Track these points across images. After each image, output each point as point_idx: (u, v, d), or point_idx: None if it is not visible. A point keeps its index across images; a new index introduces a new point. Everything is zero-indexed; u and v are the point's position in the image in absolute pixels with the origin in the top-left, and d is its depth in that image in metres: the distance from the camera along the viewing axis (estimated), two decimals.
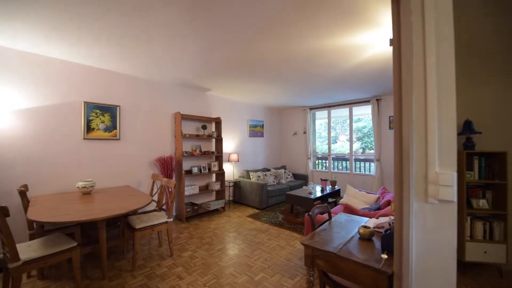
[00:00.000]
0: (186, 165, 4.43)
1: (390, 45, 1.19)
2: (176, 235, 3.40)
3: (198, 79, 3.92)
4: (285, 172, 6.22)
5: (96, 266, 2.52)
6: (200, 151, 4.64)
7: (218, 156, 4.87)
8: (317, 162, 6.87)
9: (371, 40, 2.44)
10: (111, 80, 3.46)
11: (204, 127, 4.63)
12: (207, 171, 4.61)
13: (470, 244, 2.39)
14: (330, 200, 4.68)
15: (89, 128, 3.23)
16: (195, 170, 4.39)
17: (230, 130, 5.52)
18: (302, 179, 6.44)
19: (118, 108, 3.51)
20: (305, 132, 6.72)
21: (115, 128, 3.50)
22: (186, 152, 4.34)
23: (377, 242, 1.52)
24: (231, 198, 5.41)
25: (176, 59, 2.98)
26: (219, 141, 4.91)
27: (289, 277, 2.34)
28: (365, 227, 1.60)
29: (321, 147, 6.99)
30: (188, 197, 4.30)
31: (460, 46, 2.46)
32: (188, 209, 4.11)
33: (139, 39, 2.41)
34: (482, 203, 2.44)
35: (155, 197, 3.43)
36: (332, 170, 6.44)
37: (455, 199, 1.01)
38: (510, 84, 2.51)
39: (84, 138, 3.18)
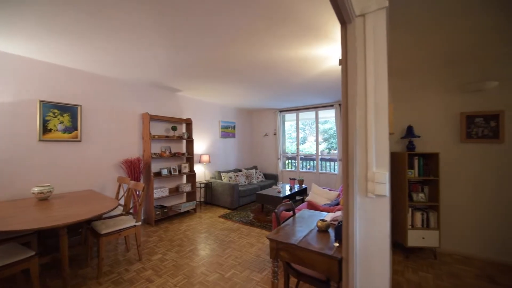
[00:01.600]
0: (155, 167, 4.33)
1: (339, 65, 1.40)
2: (145, 239, 3.33)
3: (168, 80, 3.87)
4: (256, 172, 6.40)
5: (56, 275, 2.38)
6: (170, 152, 4.57)
7: (189, 157, 4.85)
8: (286, 162, 7.18)
9: (331, 53, 2.70)
10: (72, 78, 3.25)
11: (174, 128, 4.57)
12: (177, 172, 4.56)
13: (411, 231, 2.79)
14: (297, 198, 4.98)
15: (45, 129, 3.00)
16: (164, 172, 4.32)
17: (202, 131, 5.51)
18: (272, 178, 6.68)
19: (79, 107, 3.32)
20: (275, 134, 6.98)
21: (76, 129, 3.30)
22: (155, 154, 4.25)
23: (332, 233, 1.73)
24: (202, 200, 5.41)
25: (144, 59, 2.93)
26: (190, 142, 4.89)
27: (258, 272, 2.49)
28: (322, 220, 1.82)
29: (290, 147, 7.32)
30: (157, 200, 4.21)
31: (405, 64, 2.88)
32: (157, 212, 4.04)
33: (102, 37, 2.34)
34: (421, 196, 2.87)
35: (122, 201, 3.32)
36: (300, 170, 6.80)
37: (387, 194, 1.25)
38: (442, 96, 2.99)
39: (40, 140, 2.95)
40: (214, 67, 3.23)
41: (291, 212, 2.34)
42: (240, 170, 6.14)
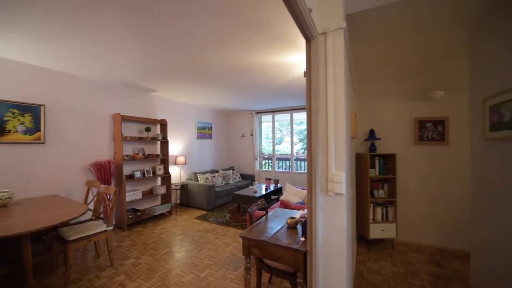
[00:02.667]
0: (127, 169, 4.20)
1: (304, 77, 1.55)
2: (117, 244, 3.24)
3: (141, 80, 3.79)
4: (233, 173, 6.47)
5: (19, 287, 2.24)
6: (144, 154, 4.46)
7: (164, 159, 4.76)
8: (263, 162, 7.35)
9: (303, 61, 2.88)
10: (35, 76, 3.05)
11: (148, 129, 4.46)
12: (151, 175, 4.47)
13: (373, 225, 3.08)
14: (273, 197, 5.15)
15: (3, 131, 2.79)
16: (137, 174, 4.21)
17: (177, 132, 5.44)
18: (249, 179, 6.80)
19: (42, 107, 3.12)
20: (252, 135, 7.10)
21: (39, 131, 3.10)
22: (127, 156, 4.12)
23: (300, 229, 1.89)
24: (178, 202, 5.34)
25: (116, 59, 2.86)
26: (164, 143, 4.81)
27: (233, 270, 2.58)
28: (292, 218, 1.96)
29: (267, 148, 7.50)
30: (130, 203, 4.09)
31: (368, 73, 3.17)
32: (130, 216, 3.92)
33: (69, 36, 2.25)
34: (381, 193, 3.18)
35: (91, 205, 3.19)
36: (276, 170, 7.01)
37: (344, 192, 1.42)
38: (399, 103, 3.34)
39: None
40: (190, 69, 3.25)
41: (264, 211, 2.46)
42: (217, 171, 6.17)
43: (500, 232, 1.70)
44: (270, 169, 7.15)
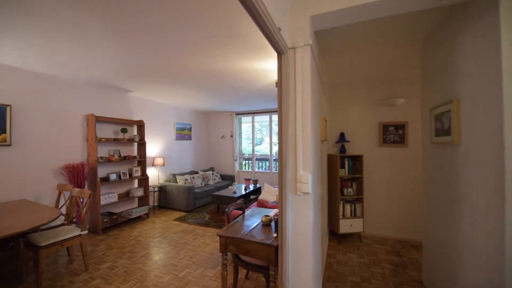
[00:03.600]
0: (102, 171, 4.08)
1: (276, 87, 1.69)
2: (92, 249, 3.16)
3: (117, 80, 3.71)
4: (213, 174, 6.51)
5: None
6: (119, 156, 4.36)
7: (141, 160, 4.69)
8: (244, 163, 7.47)
9: None
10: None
11: (124, 131, 4.37)
12: (127, 177, 4.38)
13: (342, 220, 3.34)
14: (252, 197, 5.29)
15: None
16: (113, 176, 4.11)
17: (155, 133, 5.37)
18: (229, 179, 6.88)
19: (8, 108, 2.96)
20: (232, 136, 7.19)
21: (4, 132, 2.94)
22: (102, 158, 4.01)
23: (274, 226, 2.03)
24: (156, 204, 5.27)
25: (89, 59, 2.79)
26: (142, 145, 4.73)
27: (212, 268, 2.67)
28: (267, 216, 2.11)
29: (248, 148, 7.61)
30: (105, 207, 3.98)
31: (339, 80, 3.43)
32: (105, 220, 3.83)
33: (38, 33, 2.18)
34: (350, 191, 3.45)
35: (63, 210, 3.08)
36: (256, 170, 7.16)
37: (311, 191, 1.58)
38: (366, 108, 3.64)
39: None
40: (168, 72, 3.27)
41: (241, 211, 2.58)
42: (196, 172, 6.17)
43: (442, 224, 1.99)
44: (250, 170, 7.28)
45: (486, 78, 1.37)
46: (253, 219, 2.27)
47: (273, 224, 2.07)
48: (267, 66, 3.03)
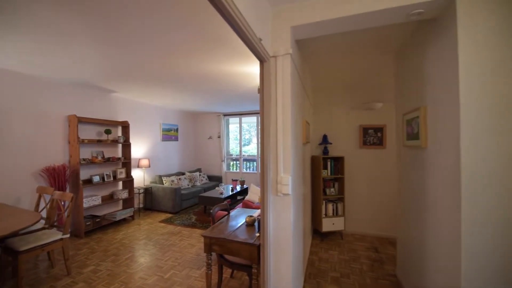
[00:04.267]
0: (85, 174, 3.99)
1: (258, 93, 1.77)
2: (74, 253, 3.10)
3: (101, 81, 3.65)
4: (200, 175, 6.50)
5: None
6: (103, 157, 4.28)
7: (126, 162, 4.62)
8: (231, 163, 7.50)
9: None
10: None
11: (108, 132, 4.30)
12: (111, 179, 4.31)
13: (325, 219, 3.47)
14: (239, 197, 5.35)
15: None
16: (96, 179, 4.03)
17: (140, 134, 5.30)
18: (216, 180, 6.89)
19: None
20: (219, 137, 7.20)
21: None
22: (84, 160, 3.92)
23: (257, 226, 2.11)
24: (141, 206, 5.21)
25: (72, 59, 2.73)
26: (126, 146, 4.66)
27: (197, 269, 2.71)
28: (250, 216, 2.18)
29: (235, 149, 7.65)
30: (88, 210, 3.90)
31: (323, 84, 3.56)
32: (88, 223, 3.75)
33: (16, 32, 2.15)
34: (332, 190, 3.60)
35: (43, 213, 3.00)
36: (243, 171, 7.22)
37: (290, 192, 1.67)
38: (348, 111, 3.81)
39: None
40: (154, 74, 3.27)
41: (227, 212, 2.64)
42: (183, 173, 6.14)
43: (413, 221, 2.15)
44: (237, 170, 7.33)
45: (447, 88, 1.51)
46: (238, 220, 2.33)
47: (256, 224, 2.14)
48: (254, 70, 3.10)
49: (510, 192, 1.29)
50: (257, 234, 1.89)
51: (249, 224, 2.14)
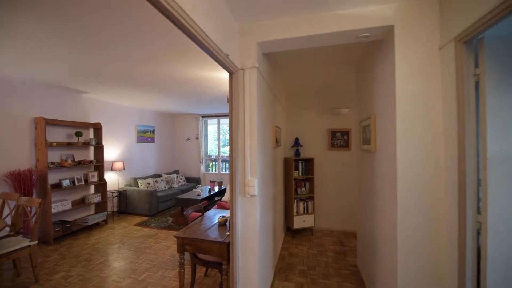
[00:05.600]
0: (53, 178, 3.85)
1: (227, 102, 1.91)
2: (42, 260, 3.01)
3: (71, 82, 3.55)
4: (177, 176, 6.48)
5: None
6: (73, 160, 4.15)
7: (99, 165, 4.51)
8: (210, 164, 7.53)
9: None
10: None
11: (78, 134, 4.17)
12: (83, 182, 4.19)
13: (296, 217, 3.70)
14: (216, 198, 5.44)
15: None
16: (66, 183, 3.91)
17: (114, 136, 5.18)
18: (195, 182, 6.90)
19: None
20: (197, 138, 7.22)
21: None
22: (53, 163, 3.78)
23: (228, 226, 2.25)
24: (115, 209, 5.09)
25: (39, 59, 2.64)
26: (99, 148, 4.55)
27: (172, 269, 2.78)
28: (223, 216, 2.31)
29: (215, 149, 7.68)
30: (56, 215, 3.77)
31: (295, 90, 3.78)
32: (57, 229, 3.63)
33: None
34: (303, 190, 3.84)
35: (8, 220, 2.88)
36: (221, 172, 7.30)
37: (257, 193, 1.84)
38: (317, 116, 4.08)
39: None
40: (128, 77, 3.27)
41: (201, 213, 2.75)
42: (160, 175, 6.09)
43: (367, 217, 2.42)
44: (216, 172, 7.39)
45: (389, 101, 1.77)
46: (211, 220, 2.46)
47: (228, 223, 2.28)
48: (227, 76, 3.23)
49: (430, 190, 1.56)
50: (227, 233, 2.04)
51: (221, 224, 2.28)
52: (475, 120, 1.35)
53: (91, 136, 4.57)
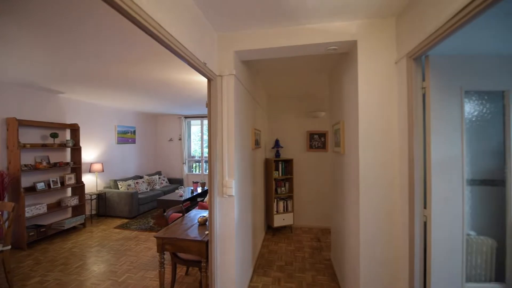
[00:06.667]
0: (27, 181, 3.71)
1: (206, 107, 2.01)
2: (15, 265, 2.91)
3: (46, 82, 3.45)
4: (160, 178, 6.42)
5: None
6: (49, 163, 4.02)
7: (76, 167, 4.39)
8: (194, 165, 7.51)
9: None
10: None
11: (54, 136, 4.04)
12: (59, 185, 4.07)
13: (276, 216, 3.86)
14: (199, 199, 5.47)
15: None
16: (41, 186, 3.78)
17: (93, 137, 5.05)
18: (177, 183, 6.86)
19: None
20: (180, 139, 7.18)
21: None
22: (26, 166, 3.65)
23: (207, 225, 2.34)
24: (94, 212, 4.97)
25: (10, 58, 2.56)
26: (76, 150, 4.43)
27: (153, 270, 2.81)
28: (203, 216, 2.40)
29: (198, 150, 7.66)
30: (31, 219, 3.63)
31: (276, 94, 3.92)
32: (31, 233, 3.50)
33: None
34: (283, 189, 4.00)
35: None
36: (205, 173, 7.31)
37: (234, 194, 1.95)
38: (297, 119, 4.26)
39: None
40: (107, 78, 3.25)
41: (181, 214, 2.81)
42: (141, 177, 6.00)
43: (339, 213, 2.62)
44: (199, 173, 7.39)
45: (353, 108, 1.95)
46: (190, 220, 2.53)
47: (207, 223, 2.37)
48: None
49: (388, 189, 1.76)
50: (206, 232, 2.13)
51: (201, 224, 2.36)
52: (422, 128, 1.55)
53: (68, 137, 4.44)
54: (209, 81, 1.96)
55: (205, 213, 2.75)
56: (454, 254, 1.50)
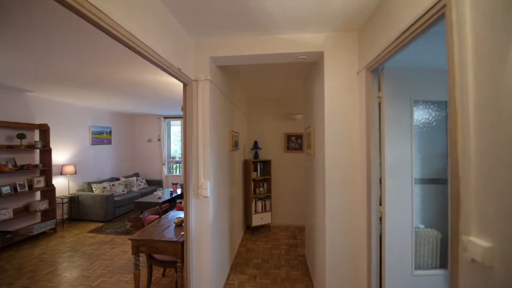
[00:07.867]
0: None
1: (181, 110, 2.06)
2: None
3: (11, 80, 3.26)
4: (137, 180, 6.26)
5: None
6: (15, 165, 3.80)
7: (46, 169, 4.18)
8: (174, 166, 7.39)
9: None
10: None
11: (21, 136, 3.83)
12: (26, 189, 3.86)
13: (255, 215, 3.96)
14: (178, 201, 5.43)
15: None
16: (6, 189, 3.57)
17: (64, 138, 4.83)
18: (156, 184, 6.73)
19: None
20: (159, 140, 7.05)
21: None
22: None
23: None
24: (65, 216, 4.76)
25: None
26: (46, 152, 4.22)
27: (128, 273, 2.79)
28: (179, 217, 2.44)
29: (179, 151, 7.52)
30: None
31: (254, 97, 4.02)
32: None
33: None
34: (261, 190, 4.12)
35: None
36: None
37: (209, 195, 2.02)
38: (275, 121, 4.40)
39: None
40: (79, 77, 3.15)
41: (158, 216, 2.82)
42: (117, 179, 5.83)
43: (310, 211, 2.77)
44: (180, 174, 7.29)
45: (321, 112, 2.10)
46: (169, 222, 2.55)
47: (184, 224, 2.41)
48: None
49: (350, 189, 1.93)
50: (182, 233, 2.17)
51: (178, 225, 2.39)
52: (378, 133, 1.73)
53: (37, 138, 4.22)
54: (185, 85, 2.01)
55: (182, 214, 2.78)
56: (405, 245, 1.69)
